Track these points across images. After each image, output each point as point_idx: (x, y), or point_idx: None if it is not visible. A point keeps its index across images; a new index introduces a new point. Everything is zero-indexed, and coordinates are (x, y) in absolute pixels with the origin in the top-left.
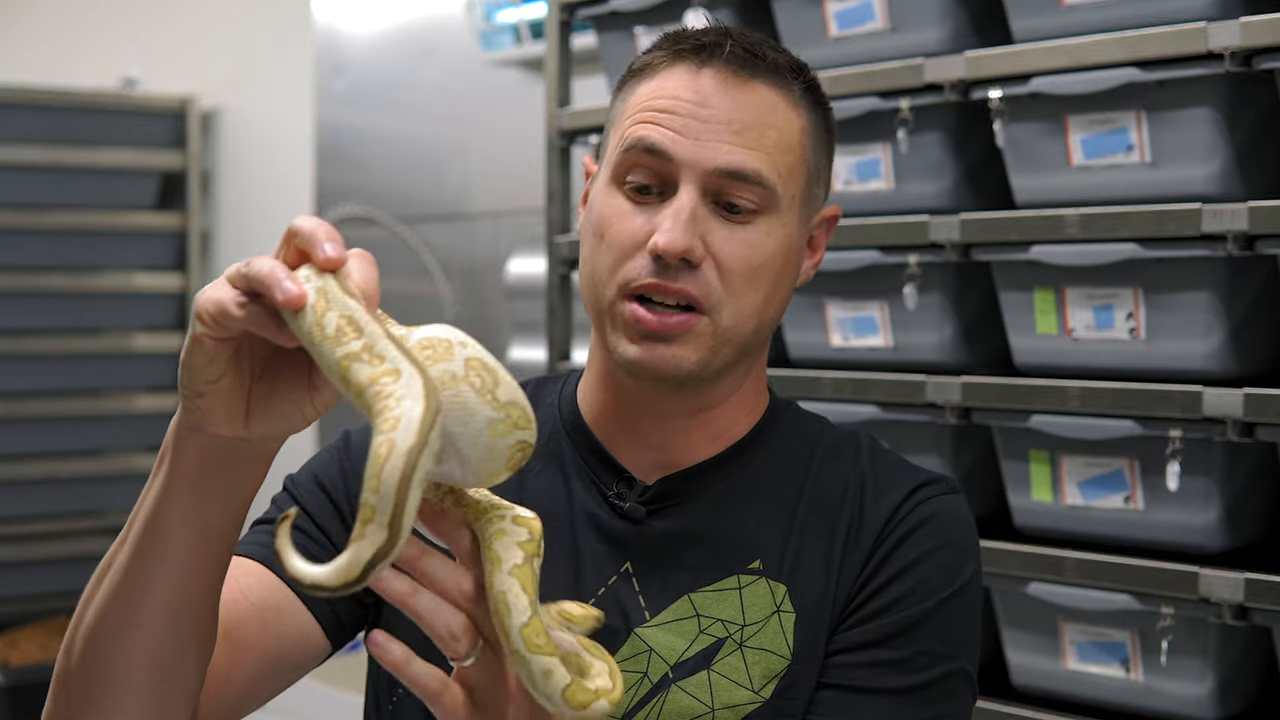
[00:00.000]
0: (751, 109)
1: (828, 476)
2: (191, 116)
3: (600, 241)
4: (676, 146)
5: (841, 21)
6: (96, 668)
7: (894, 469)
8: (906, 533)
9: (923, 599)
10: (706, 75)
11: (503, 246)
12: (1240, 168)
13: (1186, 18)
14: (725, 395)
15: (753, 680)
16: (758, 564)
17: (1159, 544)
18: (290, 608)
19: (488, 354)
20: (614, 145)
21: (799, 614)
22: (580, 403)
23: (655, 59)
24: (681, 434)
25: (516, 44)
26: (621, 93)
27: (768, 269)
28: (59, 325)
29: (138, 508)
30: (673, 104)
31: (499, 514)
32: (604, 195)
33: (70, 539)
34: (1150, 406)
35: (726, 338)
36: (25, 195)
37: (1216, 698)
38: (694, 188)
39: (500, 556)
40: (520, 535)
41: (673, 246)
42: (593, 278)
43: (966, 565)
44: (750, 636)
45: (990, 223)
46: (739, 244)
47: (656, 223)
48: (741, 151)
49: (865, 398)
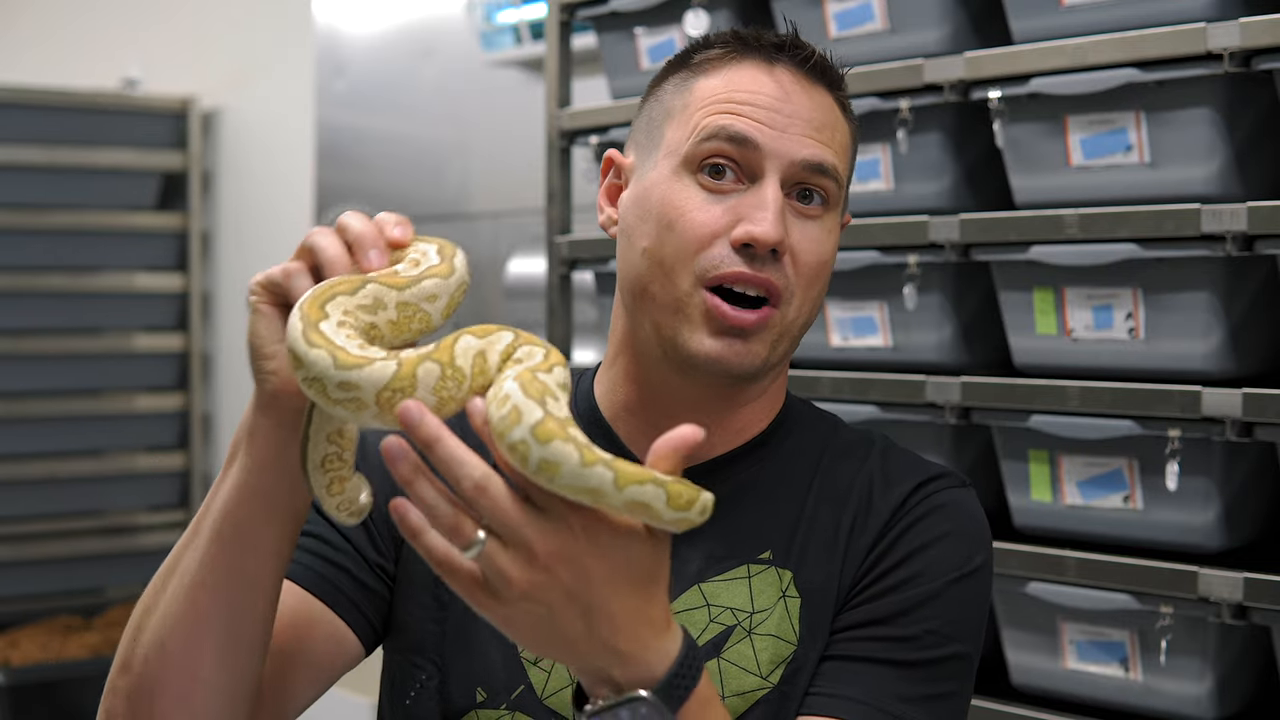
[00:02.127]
0: (822, 110)
1: (839, 471)
2: (192, 117)
3: (670, 231)
4: (764, 137)
5: (841, 22)
6: (168, 674)
7: (906, 463)
8: (916, 519)
9: (931, 580)
10: (782, 72)
11: (503, 246)
12: (1239, 168)
13: (1186, 18)
14: (762, 390)
15: (761, 667)
16: (768, 554)
17: (1158, 544)
18: (320, 615)
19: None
20: (683, 135)
21: (804, 599)
22: (599, 398)
23: (715, 55)
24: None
25: (516, 44)
26: (671, 87)
27: (829, 264)
28: (59, 325)
29: (204, 509)
30: (753, 96)
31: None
32: (672, 184)
33: (70, 539)
34: (1149, 406)
35: (789, 331)
36: (25, 195)
37: (1215, 697)
38: (778, 178)
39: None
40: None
41: (768, 236)
42: (659, 267)
43: (977, 554)
44: (759, 624)
45: (990, 223)
46: (812, 238)
47: (742, 212)
48: (820, 146)
49: (865, 398)
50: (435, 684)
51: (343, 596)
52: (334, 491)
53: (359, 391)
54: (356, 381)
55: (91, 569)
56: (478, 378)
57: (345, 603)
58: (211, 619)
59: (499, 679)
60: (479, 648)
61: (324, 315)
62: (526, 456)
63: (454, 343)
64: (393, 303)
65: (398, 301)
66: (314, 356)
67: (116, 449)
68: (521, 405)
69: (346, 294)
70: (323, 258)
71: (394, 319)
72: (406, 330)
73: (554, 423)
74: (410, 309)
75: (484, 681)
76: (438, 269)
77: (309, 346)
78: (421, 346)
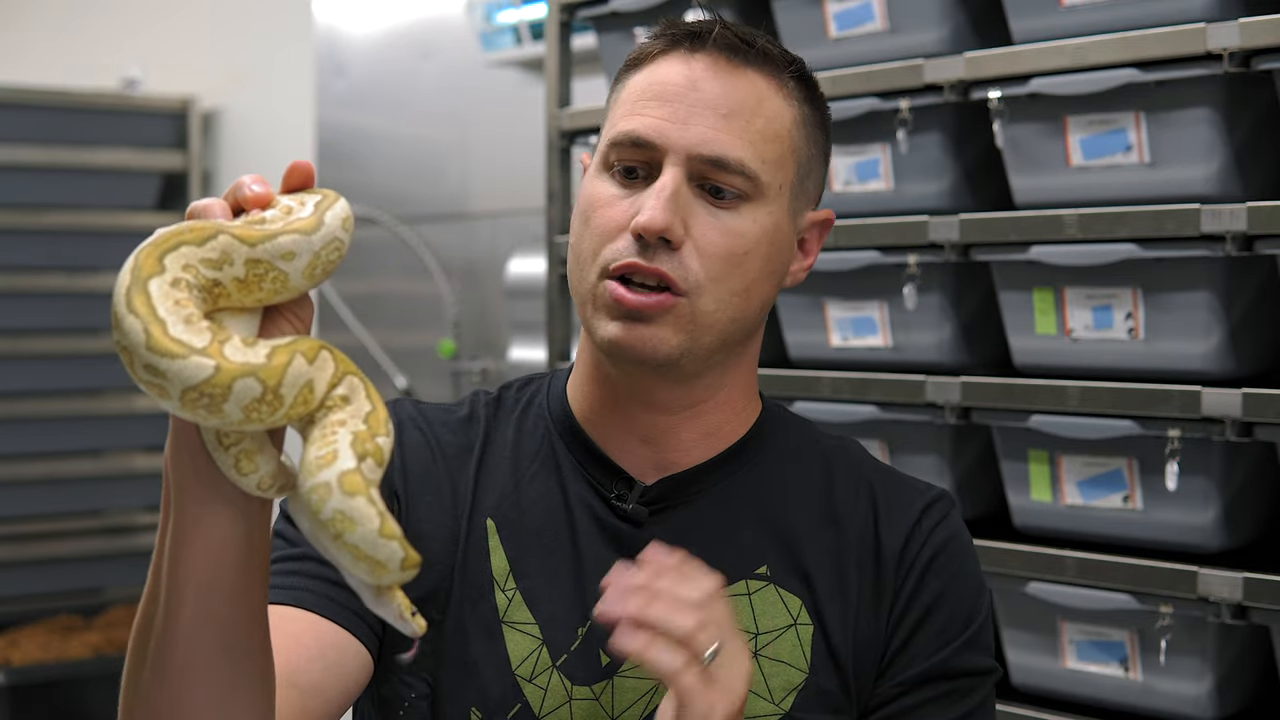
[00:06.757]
0: (740, 94)
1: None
2: (192, 117)
3: (586, 226)
4: (661, 133)
5: (841, 22)
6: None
7: (897, 483)
8: (928, 563)
9: (962, 627)
10: (698, 60)
11: (503, 246)
12: (1239, 168)
13: (1186, 18)
14: (712, 391)
15: (772, 692)
16: (765, 569)
17: (1158, 543)
18: (346, 643)
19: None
20: (605, 136)
21: (816, 627)
22: (571, 400)
23: (649, 48)
24: (670, 429)
25: (516, 44)
26: (618, 84)
27: (751, 256)
28: (59, 325)
29: (154, 566)
30: (662, 90)
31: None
32: (592, 181)
33: (70, 539)
34: (1149, 406)
35: (706, 324)
36: (25, 195)
37: (1215, 697)
38: (678, 170)
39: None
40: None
41: (652, 224)
42: (577, 261)
43: (978, 578)
44: (765, 646)
45: (989, 223)
46: (720, 229)
47: (640, 204)
48: (726, 138)
49: (865, 398)
50: (426, 704)
51: (349, 613)
52: (245, 470)
53: (164, 381)
54: (164, 370)
55: (91, 569)
56: (298, 407)
57: (353, 619)
58: (193, 668)
59: (494, 698)
60: (473, 667)
61: (159, 269)
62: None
63: (288, 364)
64: (241, 259)
65: (247, 258)
66: (128, 325)
67: (116, 449)
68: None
69: (194, 243)
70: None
71: (241, 277)
72: (257, 290)
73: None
74: (261, 267)
75: (479, 701)
76: (302, 223)
77: (127, 310)
78: (270, 341)
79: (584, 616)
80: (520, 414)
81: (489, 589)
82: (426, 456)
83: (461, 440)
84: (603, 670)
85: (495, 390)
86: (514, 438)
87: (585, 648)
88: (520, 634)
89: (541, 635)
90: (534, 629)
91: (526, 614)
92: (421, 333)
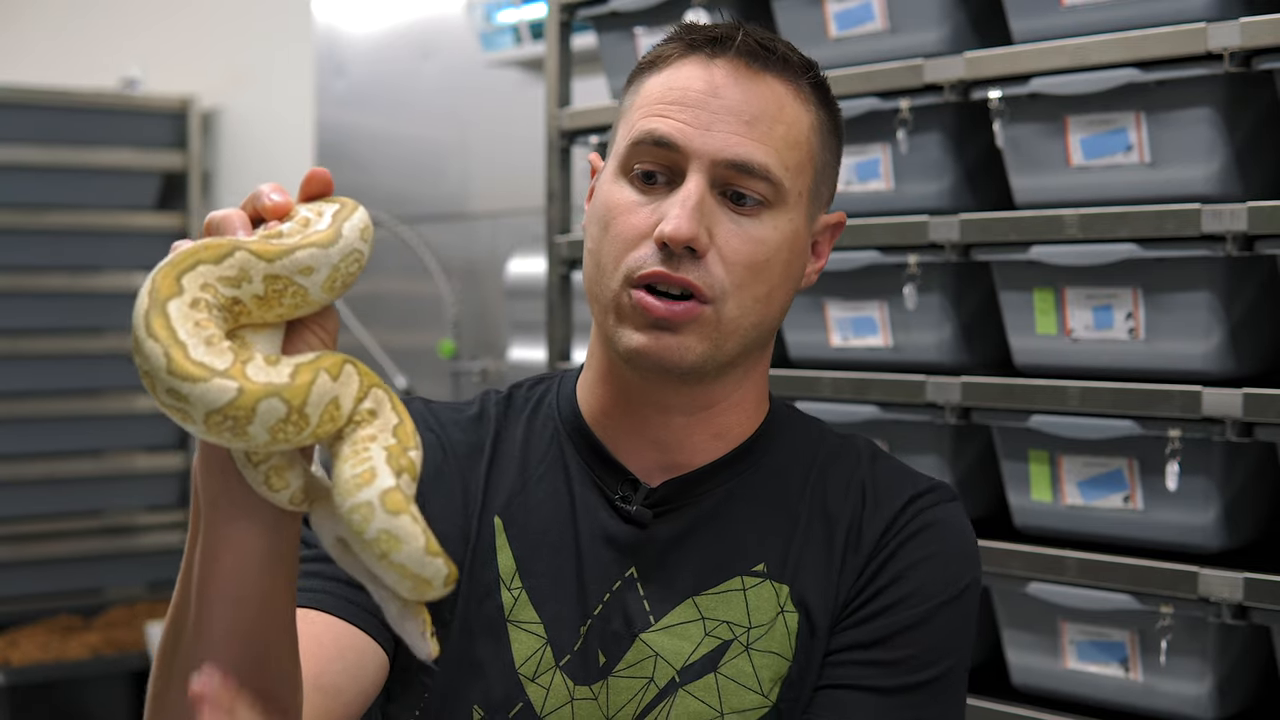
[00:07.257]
0: (762, 101)
1: (829, 481)
2: (192, 117)
3: (606, 232)
4: (685, 137)
5: (841, 22)
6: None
7: (893, 475)
8: (906, 538)
9: (920, 603)
10: (718, 66)
11: (503, 246)
12: (1239, 168)
13: (1186, 18)
14: (727, 394)
15: (761, 684)
16: (762, 566)
17: (1158, 544)
18: (364, 645)
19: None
20: (623, 137)
21: (800, 614)
22: (580, 402)
23: (667, 51)
24: (684, 431)
25: (516, 44)
26: (633, 86)
27: (773, 263)
28: (59, 325)
29: (181, 579)
30: (683, 95)
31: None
32: (611, 186)
33: (70, 539)
34: (1149, 406)
35: (730, 330)
36: (25, 195)
37: (1215, 697)
38: (702, 177)
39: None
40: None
41: (678, 234)
42: (598, 269)
43: (965, 573)
44: (757, 639)
45: (990, 223)
46: (744, 237)
47: (663, 211)
48: (750, 144)
49: (865, 398)
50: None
51: (367, 615)
52: (276, 486)
53: (188, 405)
54: (186, 395)
55: (91, 569)
56: (325, 425)
57: (371, 621)
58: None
59: (497, 697)
60: (476, 666)
61: (177, 290)
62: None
63: (312, 382)
64: (259, 275)
65: (265, 274)
66: (149, 349)
67: (116, 449)
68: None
69: (211, 261)
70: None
71: (260, 294)
72: (277, 307)
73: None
74: (280, 283)
75: (481, 700)
76: (319, 236)
77: (147, 335)
78: (293, 359)
79: (585, 617)
80: (530, 414)
81: (495, 587)
82: (439, 456)
83: (472, 439)
84: (600, 670)
85: (506, 389)
86: (523, 437)
87: (586, 648)
88: (525, 633)
89: (546, 635)
90: (538, 628)
91: (531, 613)
92: (421, 333)
